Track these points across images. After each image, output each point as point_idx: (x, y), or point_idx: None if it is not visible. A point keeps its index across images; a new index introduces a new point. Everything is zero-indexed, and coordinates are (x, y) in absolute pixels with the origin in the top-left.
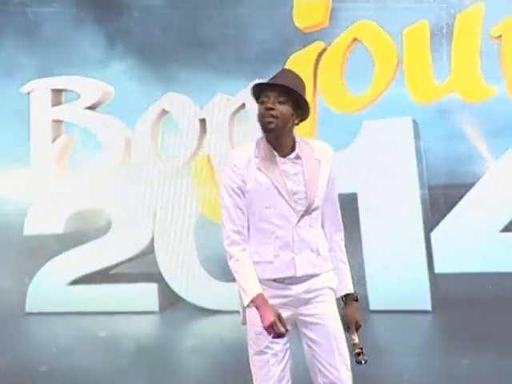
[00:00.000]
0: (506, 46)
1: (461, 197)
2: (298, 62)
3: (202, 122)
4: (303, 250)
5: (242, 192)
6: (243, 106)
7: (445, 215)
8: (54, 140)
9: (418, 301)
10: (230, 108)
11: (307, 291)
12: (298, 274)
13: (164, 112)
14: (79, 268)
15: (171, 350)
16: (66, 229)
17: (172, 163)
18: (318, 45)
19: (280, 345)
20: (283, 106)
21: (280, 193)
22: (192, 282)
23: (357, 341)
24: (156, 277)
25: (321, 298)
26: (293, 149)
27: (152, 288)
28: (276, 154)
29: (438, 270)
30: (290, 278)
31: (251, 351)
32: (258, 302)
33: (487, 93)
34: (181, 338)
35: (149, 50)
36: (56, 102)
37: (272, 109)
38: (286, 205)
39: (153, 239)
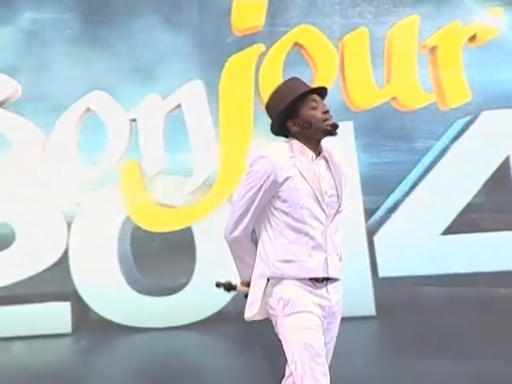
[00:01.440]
0: (440, 57)
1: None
2: (239, 64)
3: (133, 122)
4: (332, 253)
5: (273, 190)
6: (179, 106)
7: (387, 219)
8: None
9: (362, 306)
10: (165, 108)
11: (336, 304)
12: (331, 275)
13: (88, 111)
14: None
15: (86, 375)
16: None
17: (96, 168)
18: (259, 47)
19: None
20: None
21: (315, 194)
22: (114, 298)
23: None
24: (68, 295)
25: (339, 314)
26: (319, 150)
27: (64, 307)
28: (309, 153)
29: (382, 274)
30: (324, 282)
31: (303, 359)
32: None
33: (425, 100)
34: (98, 362)
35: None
36: None
37: (328, 112)
38: (319, 207)
39: (66, 252)
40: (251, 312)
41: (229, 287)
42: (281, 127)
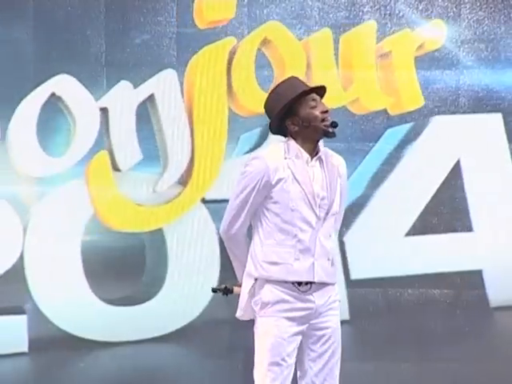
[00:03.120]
0: (395, 62)
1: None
2: (211, 56)
3: (103, 111)
4: (322, 258)
5: (266, 191)
6: (151, 97)
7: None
8: None
9: None
10: (137, 98)
11: (325, 303)
12: (316, 280)
13: (54, 97)
14: None
15: None
16: None
17: (61, 161)
18: (230, 40)
19: (293, 358)
20: None
21: (307, 196)
22: (77, 310)
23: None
24: (21, 309)
25: (333, 311)
26: (316, 151)
27: (19, 321)
28: (304, 155)
29: (353, 276)
30: (309, 285)
31: (263, 361)
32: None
33: (384, 102)
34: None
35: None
36: None
37: (327, 111)
38: (311, 209)
39: (22, 259)
40: (241, 311)
41: (225, 291)
42: (279, 126)
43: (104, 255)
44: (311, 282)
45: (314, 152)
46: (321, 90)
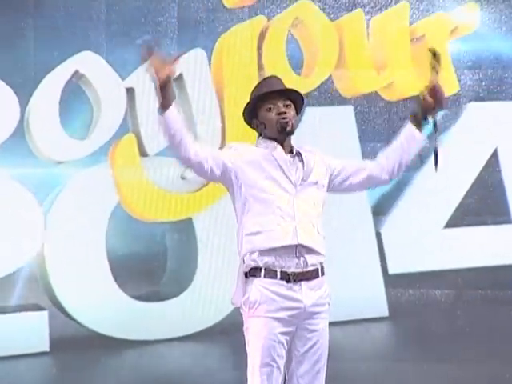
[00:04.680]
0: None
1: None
2: (242, 35)
3: (130, 92)
4: (304, 222)
5: (233, 162)
6: (180, 77)
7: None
8: None
9: (374, 307)
10: None
11: (315, 304)
12: (300, 242)
13: (77, 75)
14: None
15: None
16: None
17: (84, 144)
18: (260, 19)
19: (283, 359)
20: (290, 109)
21: (278, 163)
22: (102, 306)
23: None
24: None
25: (323, 315)
26: (291, 148)
27: (39, 318)
28: (274, 145)
29: (391, 271)
30: (297, 281)
31: (254, 362)
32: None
33: (419, 86)
34: None
35: None
36: None
37: (285, 112)
38: (284, 175)
39: (42, 250)
40: (235, 303)
41: None
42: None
43: (129, 246)
44: (300, 279)
45: (286, 151)
46: (292, 92)
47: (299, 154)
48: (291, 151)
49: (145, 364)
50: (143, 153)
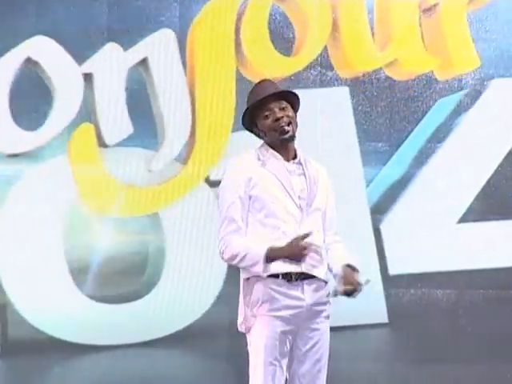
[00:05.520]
0: (444, 16)
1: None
2: (218, 13)
3: (88, 78)
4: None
5: (247, 196)
6: (145, 60)
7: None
8: None
9: (372, 312)
10: (126, 62)
11: (317, 303)
12: (304, 270)
13: (29, 62)
14: None
15: None
16: None
17: (37, 135)
18: None
19: (286, 358)
20: (287, 111)
21: (285, 188)
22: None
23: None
24: None
25: (325, 313)
26: (295, 155)
27: None
28: (280, 157)
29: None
30: (299, 280)
31: (257, 362)
32: (274, 253)
33: (430, 63)
34: None
35: None
36: None
37: (282, 117)
38: (291, 200)
39: None
40: (240, 317)
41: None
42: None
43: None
44: (302, 278)
45: (289, 156)
46: (289, 93)
47: (303, 163)
48: (295, 157)
49: (102, 371)
50: (102, 143)
